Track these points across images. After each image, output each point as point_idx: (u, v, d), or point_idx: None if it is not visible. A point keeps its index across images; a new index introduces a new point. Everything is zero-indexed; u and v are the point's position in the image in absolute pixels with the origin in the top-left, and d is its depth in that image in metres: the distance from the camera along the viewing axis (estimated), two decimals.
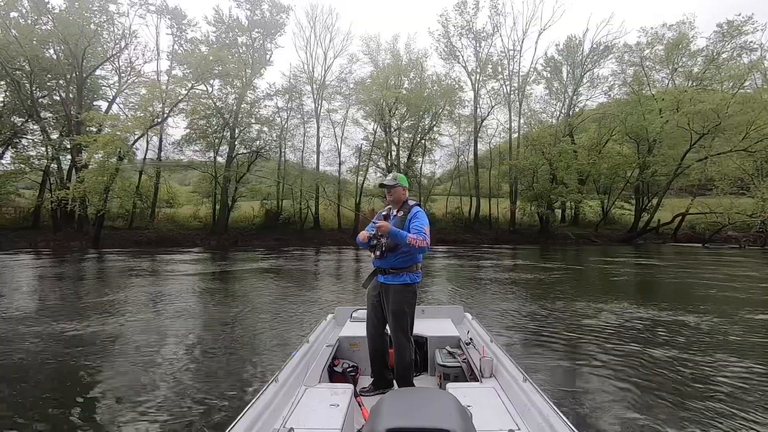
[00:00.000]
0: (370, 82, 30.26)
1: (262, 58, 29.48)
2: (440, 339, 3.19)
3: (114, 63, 28.97)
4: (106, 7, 24.66)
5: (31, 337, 5.15)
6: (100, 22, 24.91)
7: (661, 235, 29.76)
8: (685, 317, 6.11)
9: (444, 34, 31.26)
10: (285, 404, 2.09)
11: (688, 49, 26.70)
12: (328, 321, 3.75)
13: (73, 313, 6.44)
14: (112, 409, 3.13)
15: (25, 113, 26.57)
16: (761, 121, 21.24)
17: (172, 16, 28.05)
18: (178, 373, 3.88)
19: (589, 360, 4.25)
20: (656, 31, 28.11)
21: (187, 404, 3.19)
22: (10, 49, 23.14)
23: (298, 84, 30.82)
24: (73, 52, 24.15)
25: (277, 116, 30.55)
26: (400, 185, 2.80)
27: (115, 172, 21.36)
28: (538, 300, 7.52)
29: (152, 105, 21.19)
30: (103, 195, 21.14)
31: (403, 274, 2.68)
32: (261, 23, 28.53)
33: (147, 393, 3.40)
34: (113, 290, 8.67)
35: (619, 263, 14.95)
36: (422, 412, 1.34)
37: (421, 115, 30.51)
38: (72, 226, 25.44)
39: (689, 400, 3.27)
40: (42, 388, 3.60)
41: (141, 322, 5.90)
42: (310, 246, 25.07)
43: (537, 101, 35.13)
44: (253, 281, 10.30)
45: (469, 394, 2.18)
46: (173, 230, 27.87)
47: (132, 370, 3.95)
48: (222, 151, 28.57)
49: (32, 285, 9.66)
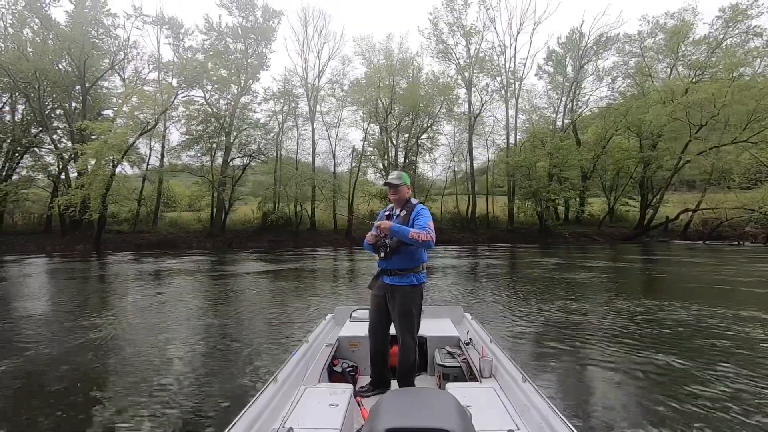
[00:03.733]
0: (364, 83, 30.33)
1: (257, 63, 30.05)
2: (440, 339, 3.20)
3: (120, 73, 30.44)
4: (101, 20, 25.72)
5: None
6: (97, 34, 25.99)
7: (669, 233, 28.48)
8: (677, 314, 6.11)
9: (434, 32, 30.94)
10: (284, 404, 2.11)
11: (687, 37, 25.33)
12: (327, 321, 3.77)
13: (55, 316, 6.62)
14: (112, 410, 3.17)
15: (36, 125, 28.31)
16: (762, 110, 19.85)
17: (170, 26, 28.97)
18: (175, 373, 3.92)
19: (588, 360, 4.26)
20: (657, 20, 26.89)
21: (186, 404, 3.23)
22: (20, 64, 24.62)
23: (292, 87, 31.20)
24: (77, 65, 25.45)
25: (274, 120, 31.09)
26: (405, 184, 2.82)
27: (110, 178, 22.26)
28: (535, 300, 7.46)
29: (142, 112, 21.98)
30: (100, 200, 22.09)
31: (410, 275, 2.68)
32: (253, 29, 29.05)
33: (146, 394, 3.44)
34: (89, 294, 9.00)
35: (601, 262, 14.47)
36: (422, 412, 1.34)
37: (416, 113, 30.31)
38: (80, 230, 26.87)
39: (692, 400, 3.23)
40: (38, 392, 3.64)
41: (123, 326, 5.90)
42: (303, 247, 25.43)
43: (538, 96, 34.33)
44: (240, 282, 10.31)
45: (468, 394, 2.18)
46: (173, 233, 28.85)
47: (131, 371, 4.00)
48: (218, 156, 29.32)
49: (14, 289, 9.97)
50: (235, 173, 29.39)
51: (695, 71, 25.80)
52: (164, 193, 31.93)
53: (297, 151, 32.68)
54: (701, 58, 25.21)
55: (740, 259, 15.17)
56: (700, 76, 25.45)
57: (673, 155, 24.55)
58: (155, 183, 30.80)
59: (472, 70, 30.97)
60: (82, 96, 26.60)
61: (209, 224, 29.76)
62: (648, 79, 27.95)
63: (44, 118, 26.83)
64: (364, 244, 2.86)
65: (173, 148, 29.28)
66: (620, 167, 29.50)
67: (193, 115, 27.23)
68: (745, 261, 14.36)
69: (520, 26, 31.87)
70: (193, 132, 27.93)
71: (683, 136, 24.35)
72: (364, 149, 32.04)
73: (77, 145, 22.18)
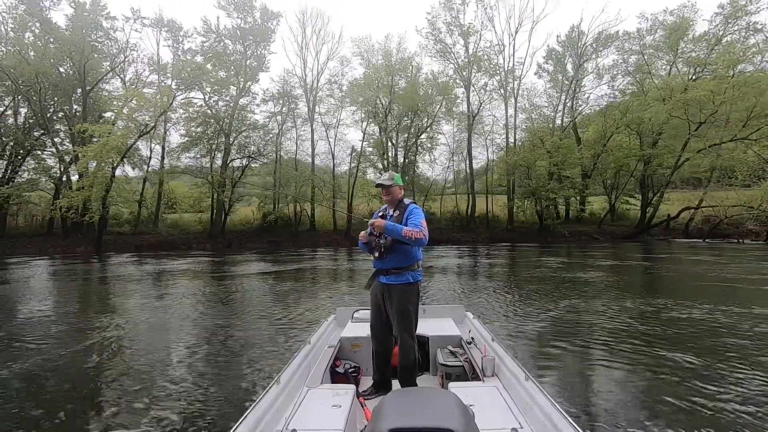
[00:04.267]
0: (363, 83, 30.37)
1: (256, 65, 30.17)
2: (442, 338, 3.21)
3: (121, 76, 30.67)
4: (101, 23, 25.91)
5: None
6: (97, 37, 26.19)
7: (671, 231, 28.26)
8: (681, 312, 6.10)
9: (432, 32, 30.90)
10: (287, 405, 2.12)
11: (686, 34, 25.12)
12: (329, 322, 3.78)
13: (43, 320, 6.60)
14: (113, 411, 3.20)
15: (38, 128, 28.60)
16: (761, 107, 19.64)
17: (169, 29, 29.14)
18: (177, 376, 3.94)
19: (591, 358, 4.26)
20: (656, 17, 26.72)
21: (189, 406, 3.25)
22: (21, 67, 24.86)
23: (291, 89, 31.30)
24: (77, 68, 25.66)
25: (273, 121, 31.19)
26: (397, 184, 2.84)
27: (110, 180, 22.43)
28: (536, 299, 7.48)
29: (141, 114, 22.15)
30: (100, 202, 22.27)
31: (405, 273, 2.70)
32: (252, 31, 29.16)
33: (148, 395, 3.47)
34: (86, 296, 9.14)
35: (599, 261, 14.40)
36: (424, 411, 1.34)
37: (415, 113, 30.30)
38: (81, 232, 27.09)
39: (700, 400, 3.22)
40: (41, 393, 3.67)
41: (123, 327, 5.93)
42: (302, 248, 25.47)
43: (538, 95, 34.19)
44: (238, 284, 10.35)
45: (471, 394, 2.17)
46: (174, 234, 29.03)
47: (130, 373, 4.04)
48: (217, 157, 29.46)
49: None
50: (234, 175, 29.49)
51: (695, 68, 25.60)
52: (165, 194, 32.08)
53: (296, 151, 32.81)
54: (701, 55, 25.02)
55: (746, 256, 15.03)
56: (700, 74, 25.24)
57: (672, 153, 24.36)
58: (156, 185, 31.00)
59: (471, 70, 30.91)
60: (82, 99, 26.83)
61: (209, 225, 29.93)
62: (648, 77, 27.75)
63: (45, 121, 27.09)
64: (359, 244, 2.90)
65: (173, 149, 29.44)
66: (621, 165, 29.35)
67: (192, 117, 27.36)
68: (753, 259, 14.21)
69: (518, 25, 31.83)
70: (192, 134, 28.07)
71: (683, 134, 24.17)
72: (362, 149, 32.10)
73: (77, 147, 22.40)
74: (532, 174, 28.29)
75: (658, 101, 24.34)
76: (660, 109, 22.88)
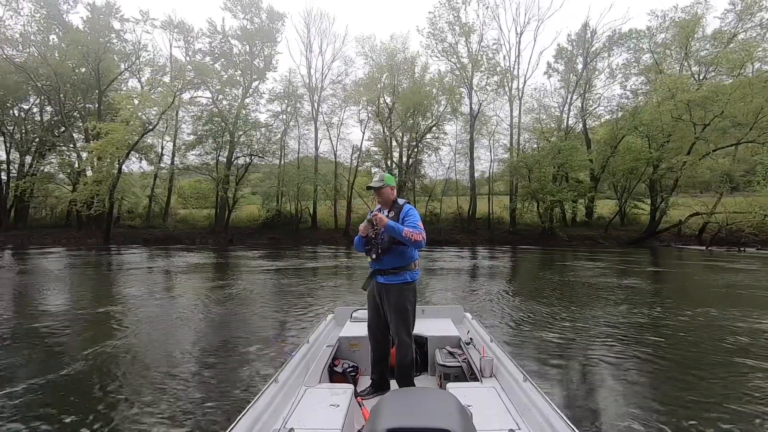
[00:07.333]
0: (367, 82, 30.55)
1: (263, 66, 30.92)
2: (440, 339, 3.19)
3: (137, 75, 32.15)
4: (113, 25, 27.20)
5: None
6: (109, 39, 27.51)
7: (681, 237, 27.07)
8: (676, 316, 6.11)
9: (433, 31, 30.71)
10: (285, 404, 2.11)
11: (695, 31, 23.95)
12: (328, 321, 3.75)
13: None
14: (112, 410, 3.16)
15: (59, 125, 30.39)
16: None
17: (179, 30, 30.24)
18: (174, 374, 3.89)
19: (590, 360, 4.28)
20: (666, 14, 25.65)
21: (186, 405, 3.22)
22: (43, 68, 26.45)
23: (295, 89, 31.84)
24: (92, 68, 27.08)
25: (278, 119, 31.91)
26: (388, 185, 2.79)
27: (117, 175, 23.57)
28: (534, 301, 7.49)
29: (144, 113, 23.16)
30: (107, 196, 23.45)
31: (403, 273, 2.69)
32: (258, 32, 29.88)
33: (146, 394, 3.43)
34: (75, 286, 9.46)
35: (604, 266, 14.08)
36: (422, 411, 1.34)
37: (418, 112, 30.25)
38: (94, 225, 28.57)
39: (695, 403, 3.23)
40: (40, 388, 3.62)
41: (111, 323, 5.89)
42: (301, 245, 25.88)
43: (547, 95, 33.47)
44: (237, 281, 10.26)
45: (469, 394, 2.18)
46: (180, 229, 30.17)
47: (129, 373, 3.96)
48: (222, 155, 30.38)
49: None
50: (238, 172, 30.33)
51: (705, 67, 24.41)
52: (176, 191, 33.36)
53: (299, 150, 33.36)
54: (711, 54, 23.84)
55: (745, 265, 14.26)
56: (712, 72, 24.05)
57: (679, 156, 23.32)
58: (166, 180, 32.29)
59: (473, 69, 30.58)
60: (98, 98, 28.29)
61: (215, 221, 30.91)
62: (660, 76, 26.67)
63: (64, 119, 28.71)
64: (355, 242, 2.86)
65: (179, 147, 30.57)
66: (630, 168, 28.34)
67: (198, 116, 28.34)
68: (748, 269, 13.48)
69: (524, 24, 31.25)
70: (198, 131, 29.07)
71: (689, 136, 23.11)
72: (363, 148, 32.37)
73: (84, 144, 23.70)
74: (534, 175, 27.72)
75: (667, 100, 23.37)
76: (662, 110, 21.96)
